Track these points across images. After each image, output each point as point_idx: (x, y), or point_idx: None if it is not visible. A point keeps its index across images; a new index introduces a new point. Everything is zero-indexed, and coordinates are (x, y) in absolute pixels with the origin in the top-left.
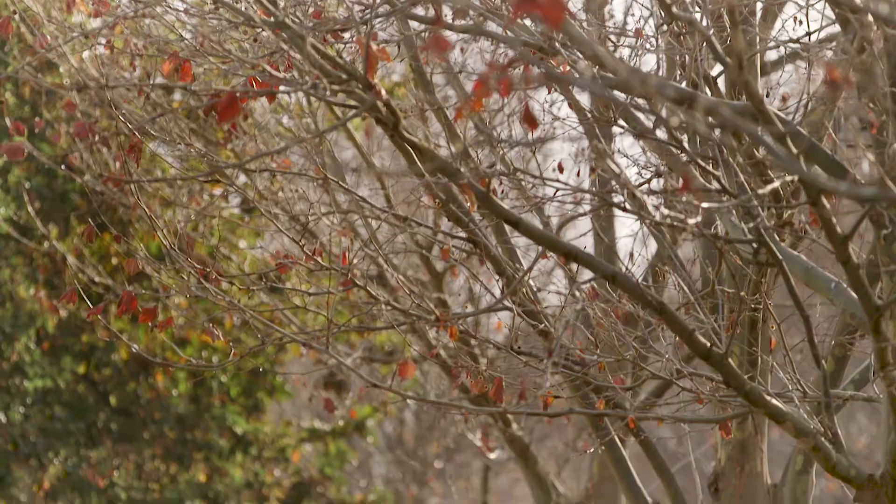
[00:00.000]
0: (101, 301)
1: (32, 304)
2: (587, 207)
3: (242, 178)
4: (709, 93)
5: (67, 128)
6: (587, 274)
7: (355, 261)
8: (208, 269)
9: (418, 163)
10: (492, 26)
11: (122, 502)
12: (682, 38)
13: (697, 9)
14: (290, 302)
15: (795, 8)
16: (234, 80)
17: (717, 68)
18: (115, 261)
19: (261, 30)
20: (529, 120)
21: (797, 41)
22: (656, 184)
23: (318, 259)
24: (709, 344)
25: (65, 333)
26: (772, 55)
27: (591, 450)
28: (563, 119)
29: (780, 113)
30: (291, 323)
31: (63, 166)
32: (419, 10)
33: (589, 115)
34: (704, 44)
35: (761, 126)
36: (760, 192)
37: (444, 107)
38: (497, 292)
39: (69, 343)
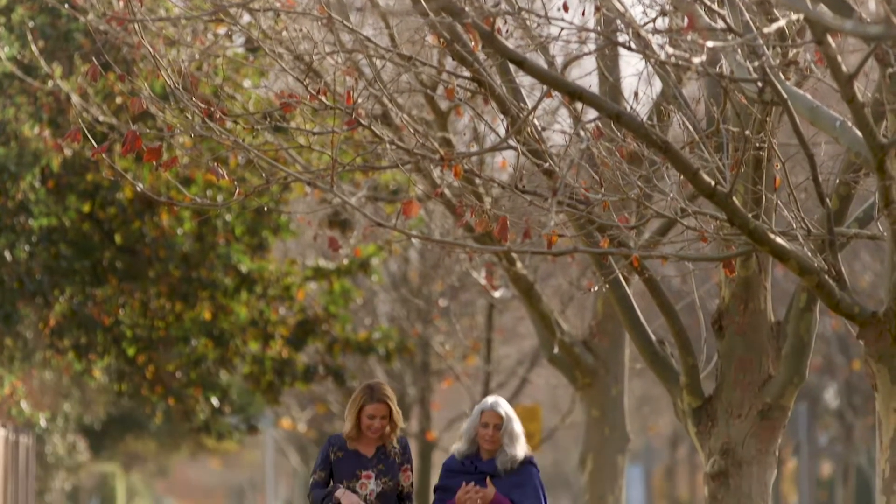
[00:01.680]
0: (106, 140)
1: (37, 143)
2: (592, 46)
3: (246, 18)
4: None
5: None
6: (592, 113)
7: (360, 100)
8: (212, 109)
9: (422, 2)
10: None
11: (128, 340)
12: None
13: None
14: (295, 141)
15: None
16: None
17: None
18: (119, 100)
19: None
20: None
21: None
22: (661, 22)
23: (323, 98)
24: (713, 182)
25: (69, 172)
26: None
27: (596, 288)
28: None
29: None
30: (296, 162)
31: (66, 5)
32: None
33: None
34: None
35: None
36: (766, 30)
37: None
38: (502, 131)
39: (74, 182)
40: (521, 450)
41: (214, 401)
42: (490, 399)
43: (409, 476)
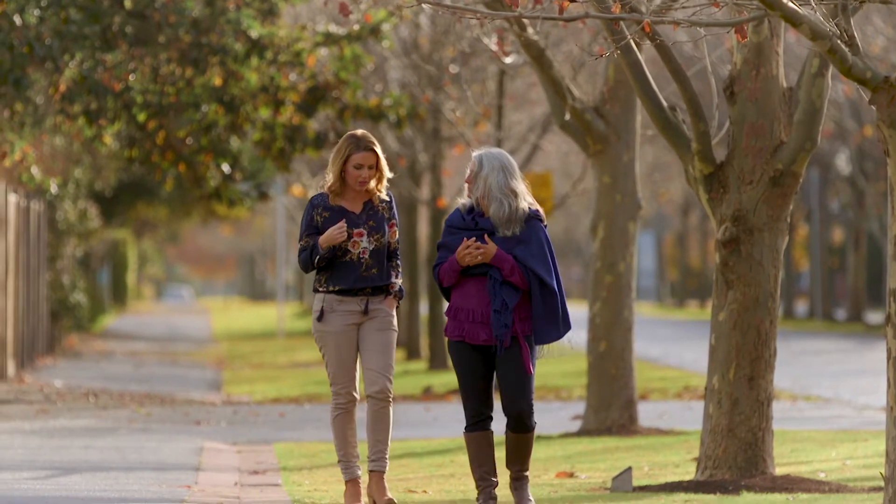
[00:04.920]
0: None
1: None
2: None
3: None
4: None
5: None
6: None
7: None
8: None
9: None
10: None
11: (138, 105)
12: None
13: None
14: None
15: None
16: None
17: None
18: None
19: None
20: None
21: None
22: None
23: None
24: None
25: None
26: None
27: (607, 54)
28: None
29: None
30: None
31: None
32: None
33: None
34: None
35: None
36: None
37: None
38: None
39: None
40: (522, 205)
41: (225, 167)
42: (484, 149)
43: (396, 232)
